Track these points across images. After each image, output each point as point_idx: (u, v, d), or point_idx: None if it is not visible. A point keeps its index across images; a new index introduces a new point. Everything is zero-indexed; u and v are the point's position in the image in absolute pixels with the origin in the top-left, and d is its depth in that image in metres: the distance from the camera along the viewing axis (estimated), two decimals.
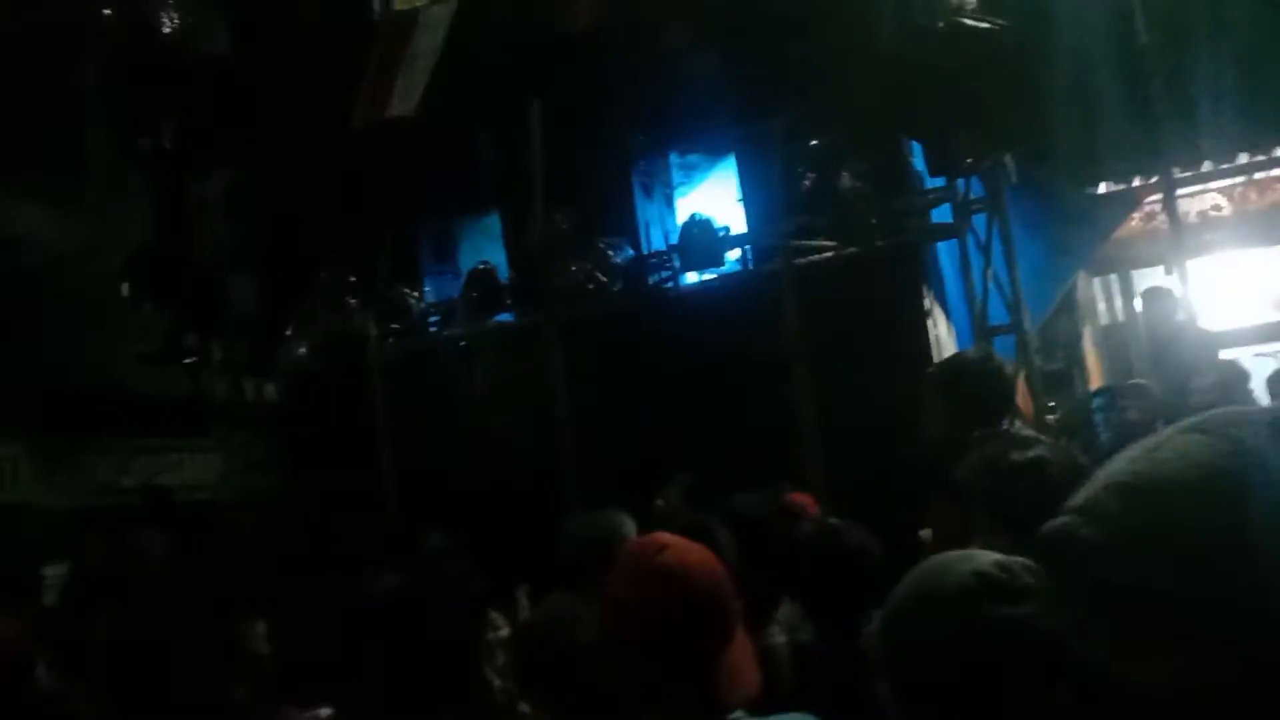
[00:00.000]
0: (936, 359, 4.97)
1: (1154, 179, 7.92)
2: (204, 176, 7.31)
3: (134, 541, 5.92)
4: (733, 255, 6.03)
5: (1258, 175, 8.36)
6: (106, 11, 8.21)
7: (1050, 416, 5.99)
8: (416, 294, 6.72)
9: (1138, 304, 8.79)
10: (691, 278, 6.17)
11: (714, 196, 6.57)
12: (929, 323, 5.31)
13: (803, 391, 5.30)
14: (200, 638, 2.53)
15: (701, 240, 5.82)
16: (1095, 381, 8.36)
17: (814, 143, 5.59)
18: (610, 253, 6.01)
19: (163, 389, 10.04)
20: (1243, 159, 7.87)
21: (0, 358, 12.08)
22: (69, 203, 12.70)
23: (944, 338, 5.56)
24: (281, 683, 2.35)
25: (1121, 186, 8.05)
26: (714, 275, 6.08)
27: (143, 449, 12.70)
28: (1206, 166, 7.96)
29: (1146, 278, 8.65)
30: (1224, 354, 7.21)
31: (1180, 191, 8.19)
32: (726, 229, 5.91)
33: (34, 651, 2.71)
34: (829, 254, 5.62)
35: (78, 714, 1.93)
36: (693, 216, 5.97)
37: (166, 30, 7.08)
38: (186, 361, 7.30)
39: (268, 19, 7.13)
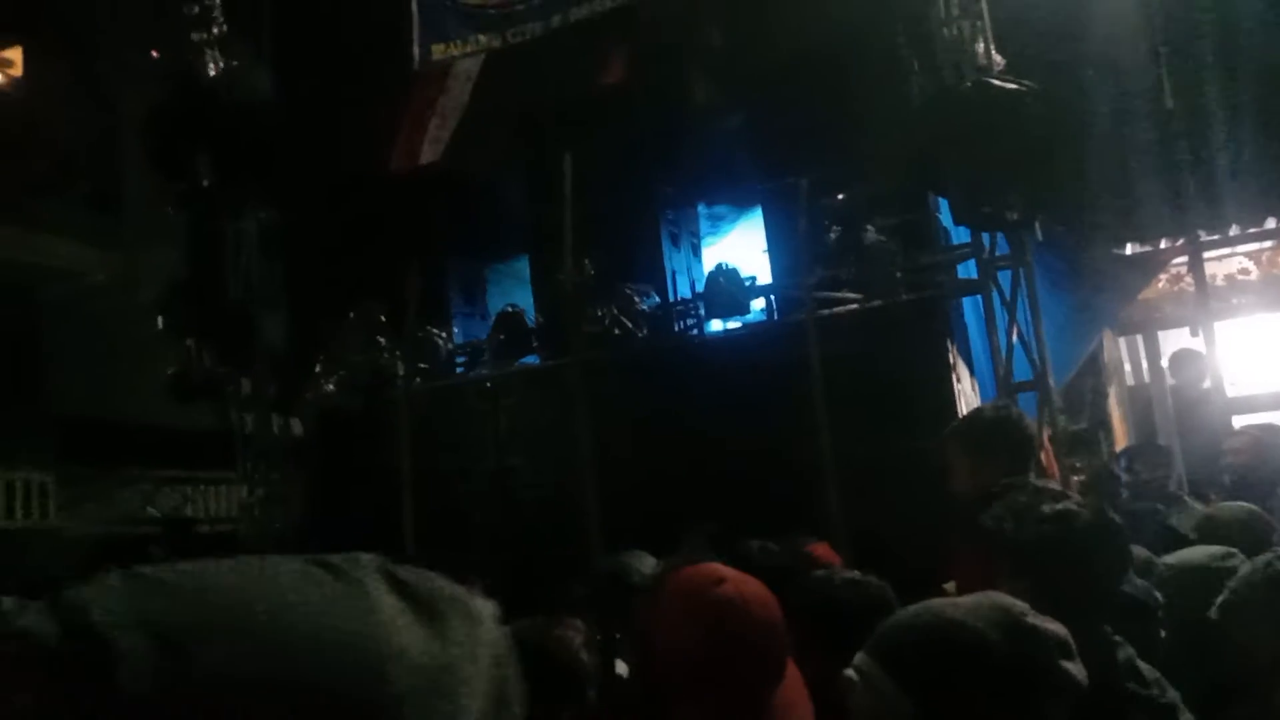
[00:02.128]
0: (960, 414, 4.98)
1: (1180, 241, 7.96)
2: (240, 215, 7.46)
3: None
4: (758, 305, 6.09)
5: None
6: (154, 54, 8.48)
7: (1076, 477, 5.98)
8: (444, 335, 6.80)
9: (1164, 365, 8.76)
10: (716, 326, 6.22)
11: (740, 247, 6.66)
12: (953, 377, 5.33)
13: (824, 442, 5.31)
14: None
15: (727, 289, 5.89)
16: (1121, 442, 8.32)
17: (840, 196, 5.66)
18: (637, 299, 6.08)
19: (190, 422, 10.16)
20: (1270, 224, 7.89)
21: (35, 386, 12.29)
22: (107, 237, 12.98)
23: (968, 393, 5.57)
24: None
25: (1148, 248, 8.08)
26: (739, 324, 6.13)
27: (168, 480, 12.84)
28: (1234, 230, 7.98)
29: (1172, 339, 8.64)
30: (1250, 418, 7.18)
31: (1207, 255, 8.23)
32: (752, 279, 5.98)
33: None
34: (854, 306, 5.66)
35: None
36: (719, 266, 6.04)
37: (211, 73, 7.28)
38: (215, 395, 7.40)
39: (310, 65, 7.32)
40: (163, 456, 12.29)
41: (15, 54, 13.96)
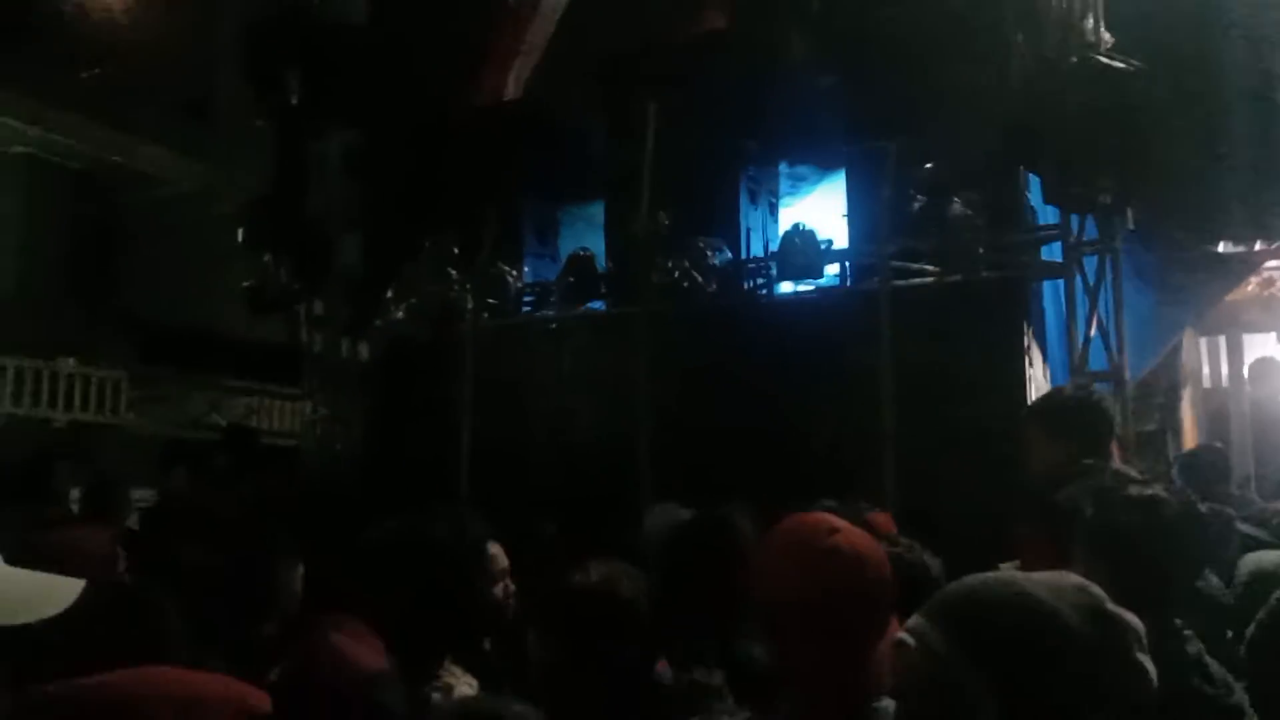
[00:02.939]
0: (1029, 399, 4.88)
1: (1277, 244, 7.66)
2: (325, 136, 7.53)
3: (209, 476, 6.18)
4: (832, 270, 6.00)
5: None
6: None
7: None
8: (515, 273, 6.83)
9: (1245, 370, 8.49)
10: (787, 288, 6.15)
11: (819, 209, 6.54)
12: (1025, 361, 5.21)
13: (888, 414, 5.25)
14: (245, 577, 2.66)
15: (802, 250, 5.80)
16: (1190, 445, 8.11)
17: (928, 166, 5.53)
18: (709, 253, 6.02)
19: (262, 336, 10.39)
20: None
21: (116, 287, 12.64)
22: (195, 147, 13.22)
23: (1039, 378, 5.45)
24: (306, 619, 2.44)
25: (1241, 249, 7.79)
26: (810, 287, 6.05)
27: (236, 390, 13.19)
28: None
29: (1256, 343, 8.37)
30: None
31: None
32: (829, 242, 5.88)
33: (117, 556, 2.87)
34: (931, 279, 5.55)
35: (163, 613, 2.04)
36: (795, 226, 5.95)
37: None
38: (288, 311, 7.54)
39: None
40: (233, 366, 12.61)
41: None
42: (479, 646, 2.80)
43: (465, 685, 2.21)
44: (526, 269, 7.03)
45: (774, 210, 6.74)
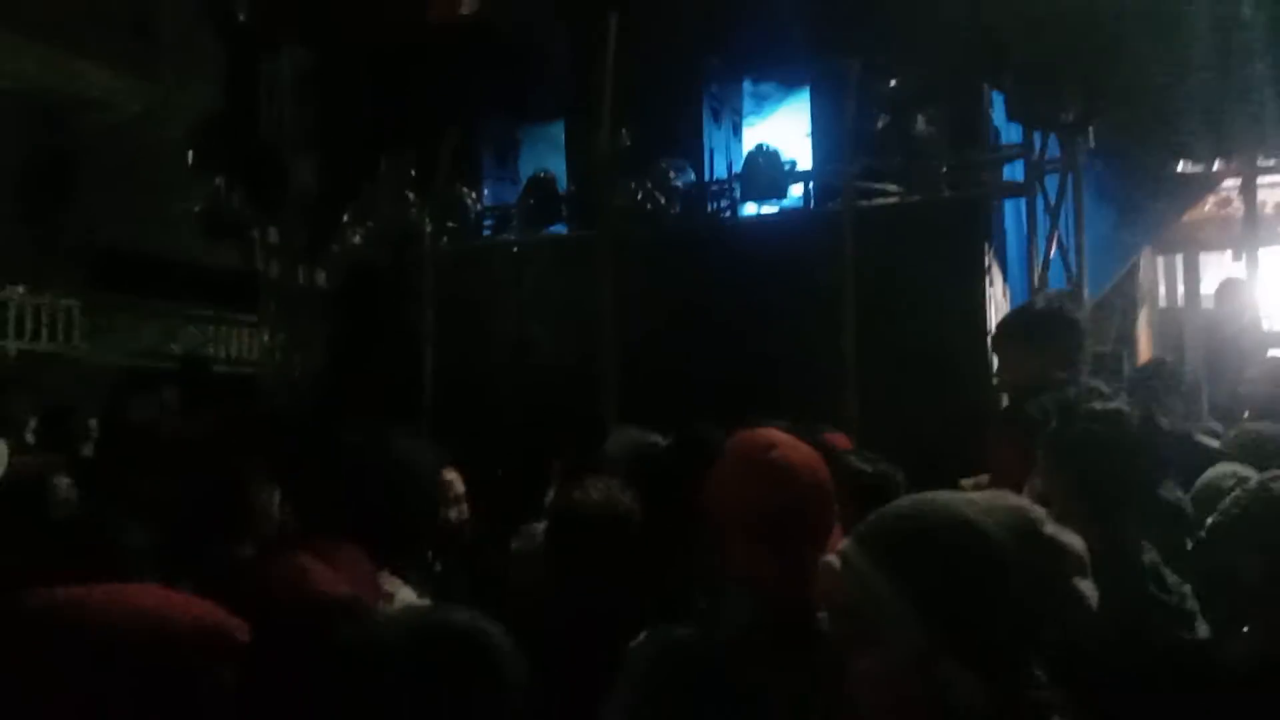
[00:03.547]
0: (989, 318, 4.91)
1: (1234, 164, 7.70)
2: (277, 55, 7.30)
3: (167, 403, 6.10)
4: (796, 190, 5.96)
5: None
6: None
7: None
8: (474, 195, 6.71)
9: (1203, 289, 8.59)
10: (751, 209, 6.10)
11: (783, 129, 6.47)
12: (986, 280, 5.24)
13: (849, 334, 5.27)
14: (214, 498, 2.64)
15: (766, 171, 5.75)
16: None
17: (892, 83, 5.47)
18: (672, 174, 5.95)
19: (217, 262, 10.19)
20: None
21: (67, 213, 12.31)
22: (142, 68, 12.79)
23: (999, 298, 5.48)
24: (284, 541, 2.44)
25: (1200, 168, 7.82)
26: (774, 209, 6.01)
27: (192, 318, 12.98)
28: None
29: (1212, 262, 8.46)
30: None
31: (1261, 180, 7.96)
32: (793, 163, 5.83)
33: (45, 485, 2.85)
34: (893, 199, 5.53)
35: (124, 532, 2.03)
36: (759, 146, 5.89)
37: None
38: (241, 235, 7.39)
39: None
40: (189, 293, 12.38)
41: None
42: (430, 566, 2.82)
43: (407, 593, 2.23)
44: (486, 191, 6.91)
45: (738, 130, 6.65)
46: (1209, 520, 2.09)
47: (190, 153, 7.07)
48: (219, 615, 1.34)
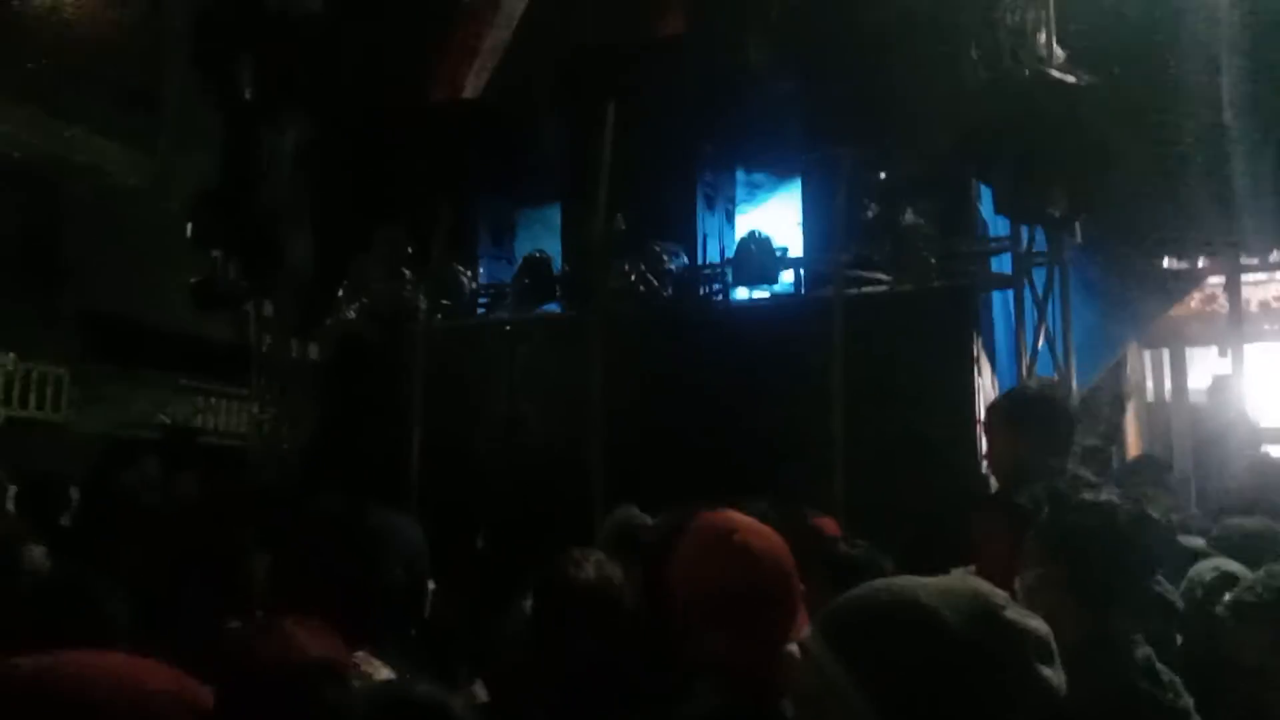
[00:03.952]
0: (978, 406, 4.93)
1: (1218, 261, 7.83)
2: (278, 130, 7.41)
3: (153, 474, 6.04)
4: (786, 277, 6.03)
5: None
6: None
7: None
8: (470, 274, 6.77)
9: (1191, 382, 8.66)
10: (743, 294, 6.16)
11: (775, 217, 6.58)
12: (974, 370, 5.27)
13: (838, 420, 5.27)
14: (205, 570, 2.61)
15: (757, 257, 5.83)
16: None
17: (882, 175, 5.57)
18: (665, 257, 6.02)
19: (209, 334, 10.20)
20: None
21: (56, 280, 12.34)
22: (143, 139, 12.95)
23: (988, 388, 5.50)
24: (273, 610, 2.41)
25: (1185, 264, 7.95)
26: (765, 294, 6.07)
27: (181, 389, 12.94)
28: (1275, 256, 7.85)
29: (1199, 357, 8.54)
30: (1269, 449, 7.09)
31: (1245, 277, 8.10)
32: (784, 249, 5.91)
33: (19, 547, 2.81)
34: (883, 287, 5.59)
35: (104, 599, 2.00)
36: (751, 233, 5.98)
37: None
38: (236, 309, 7.41)
39: None
40: (180, 364, 12.36)
41: None
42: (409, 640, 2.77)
43: (384, 672, 2.19)
44: (481, 270, 6.97)
45: (730, 217, 6.76)
46: (1217, 608, 2.10)
47: (188, 225, 7.13)
48: (187, 681, 1.32)
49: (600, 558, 2.43)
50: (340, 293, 7.05)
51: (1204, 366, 8.90)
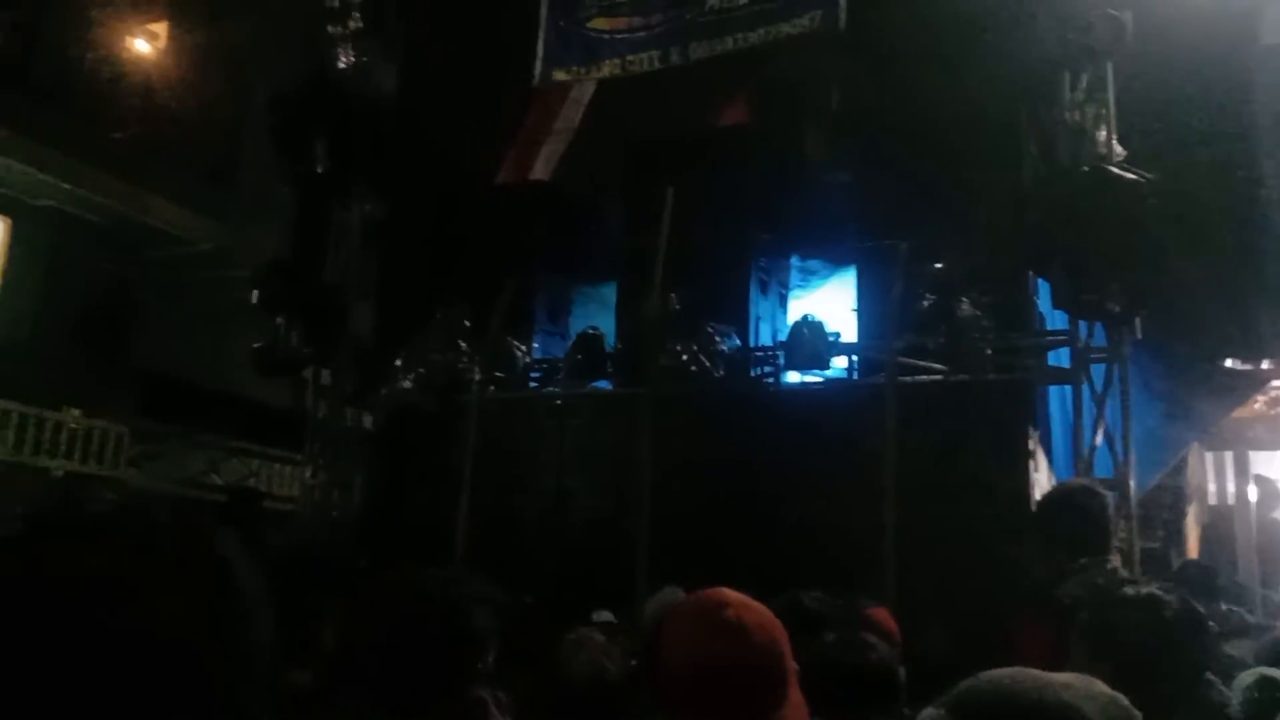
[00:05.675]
0: (1033, 500, 4.84)
1: None
2: (346, 204, 7.65)
3: (211, 536, 6.10)
4: (839, 362, 6.02)
5: None
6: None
7: None
8: (524, 348, 6.86)
9: (1250, 489, 8.43)
10: (794, 378, 6.16)
11: (829, 302, 6.61)
12: (1030, 465, 5.19)
13: (889, 508, 5.20)
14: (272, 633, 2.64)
15: (810, 341, 5.83)
16: None
17: (938, 265, 5.58)
18: (718, 339, 6.05)
19: (267, 399, 10.41)
20: None
21: (125, 341, 12.74)
22: (217, 209, 13.46)
23: (1043, 483, 5.41)
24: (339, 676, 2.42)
25: (1249, 366, 7.82)
26: (817, 379, 6.06)
27: (237, 450, 13.18)
28: None
29: (1263, 461, 8.32)
30: None
31: None
32: (837, 335, 5.91)
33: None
34: (938, 377, 5.56)
35: None
36: (805, 317, 5.99)
37: (340, 64, 7.52)
38: (295, 375, 7.56)
39: (435, 71, 7.51)
40: (236, 427, 12.62)
41: (161, 27, 14.68)
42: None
43: None
44: (536, 344, 7.07)
45: (784, 301, 6.80)
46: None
47: (254, 292, 7.34)
48: None
49: (606, 645, 2.39)
50: (398, 363, 7.17)
51: (1269, 470, 8.67)
